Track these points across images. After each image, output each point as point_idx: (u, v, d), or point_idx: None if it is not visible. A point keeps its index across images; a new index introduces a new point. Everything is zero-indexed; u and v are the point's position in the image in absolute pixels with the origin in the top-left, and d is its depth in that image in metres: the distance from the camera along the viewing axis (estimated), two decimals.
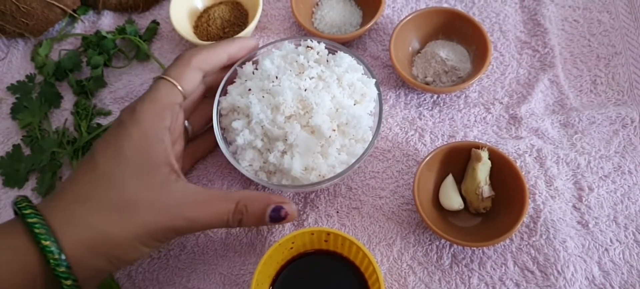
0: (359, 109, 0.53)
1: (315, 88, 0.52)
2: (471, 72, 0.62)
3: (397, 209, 0.57)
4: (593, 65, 0.64)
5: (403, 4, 0.71)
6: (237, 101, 0.53)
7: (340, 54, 0.55)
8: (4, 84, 0.70)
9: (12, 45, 0.74)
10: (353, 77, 0.54)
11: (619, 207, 0.55)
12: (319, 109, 0.51)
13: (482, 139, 0.60)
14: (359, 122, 0.52)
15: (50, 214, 0.43)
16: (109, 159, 0.46)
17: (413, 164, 0.60)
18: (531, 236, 0.54)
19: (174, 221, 0.46)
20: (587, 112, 0.60)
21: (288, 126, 0.51)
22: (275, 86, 0.52)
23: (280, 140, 0.51)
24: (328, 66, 0.55)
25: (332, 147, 0.51)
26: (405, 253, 0.55)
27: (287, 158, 0.51)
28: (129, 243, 0.44)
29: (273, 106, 0.52)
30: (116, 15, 0.75)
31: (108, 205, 0.44)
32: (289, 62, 0.55)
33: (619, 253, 0.53)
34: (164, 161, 0.47)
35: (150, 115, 0.48)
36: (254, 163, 0.52)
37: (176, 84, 0.51)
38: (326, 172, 0.51)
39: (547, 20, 0.67)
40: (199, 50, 0.53)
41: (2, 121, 0.68)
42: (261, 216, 0.49)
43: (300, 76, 0.53)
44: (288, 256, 0.52)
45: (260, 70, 0.55)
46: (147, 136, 0.47)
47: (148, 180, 0.46)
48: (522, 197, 0.52)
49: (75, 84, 0.68)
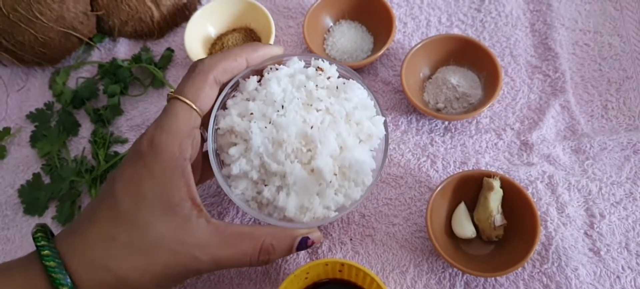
0: (363, 152, 0.50)
1: (322, 123, 0.49)
2: (482, 98, 0.63)
3: (410, 237, 0.58)
4: (604, 89, 0.64)
5: (414, 29, 0.72)
6: (237, 124, 0.49)
7: (351, 84, 0.52)
8: (23, 112, 0.72)
9: (31, 74, 0.75)
10: (362, 115, 0.51)
11: (631, 234, 0.55)
12: (323, 149, 0.48)
13: (493, 166, 0.61)
14: (362, 168, 0.49)
15: (70, 253, 0.43)
16: (129, 197, 0.45)
17: (425, 191, 0.60)
18: (543, 263, 0.54)
19: (194, 263, 0.45)
20: (598, 138, 0.60)
21: (288, 165, 0.48)
22: (280, 117, 0.48)
23: (278, 176, 0.48)
24: (338, 97, 0.51)
25: (329, 189, 0.49)
26: (419, 281, 0.55)
27: (282, 195, 0.48)
28: (146, 286, 0.44)
29: (275, 141, 0.48)
30: (131, 42, 0.76)
31: (129, 248, 0.43)
32: (296, 86, 0.51)
33: (630, 280, 0.53)
34: (186, 196, 0.45)
35: (170, 147, 0.45)
36: (247, 192, 0.50)
37: (193, 106, 0.47)
38: (321, 214, 0.49)
39: (557, 44, 0.67)
40: (216, 61, 0.49)
41: (22, 149, 0.69)
42: (289, 251, 0.48)
43: (308, 108, 0.50)
44: (303, 286, 0.53)
45: (265, 91, 0.50)
46: (169, 172, 0.45)
47: (170, 219, 0.44)
48: (534, 226, 0.53)
49: (92, 112, 0.69)
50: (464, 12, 0.72)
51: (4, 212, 0.65)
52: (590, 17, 0.69)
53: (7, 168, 0.68)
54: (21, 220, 0.64)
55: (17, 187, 0.66)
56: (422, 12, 0.73)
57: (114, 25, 0.74)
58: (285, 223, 0.49)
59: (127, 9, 0.72)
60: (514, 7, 0.71)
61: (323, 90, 0.51)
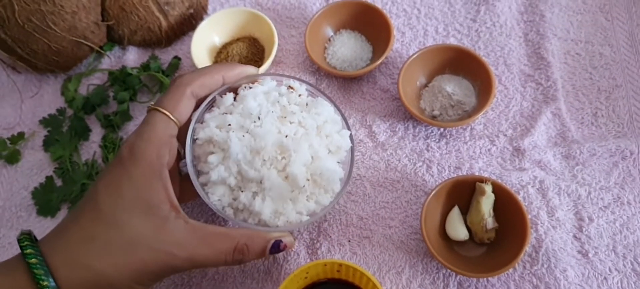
0: (332, 162, 0.55)
1: (296, 135, 0.53)
2: (476, 106, 0.65)
3: (405, 239, 0.60)
4: (594, 98, 0.67)
5: (412, 38, 0.74)
6: (216, 134, 0.53)
7: (320, 101, 0.57)
8: (36, 117, 0.75)
9: (44, 81, 0.79)
10: (332, 128, 0.56)
11: (618, 237, 0.58)
12: (297, 157, 0.52)
13: (486, 171, 0.63)
14: (332, 176, 0.54)
15: (52, 253, 0.46)
16: (110, 199, 0.47)
17: (421, 195, 0.63)
18: (533, 265, 0.57)
19: (172, 260, 0.47)
20: (588, 144, 0.63)
21: (265, 171, 0.52)
22: (257, 127, 0.53)
23: (254, 182, 0.52)
24: (309, 113, 0.56)
25: (302, 195, 0.53)
26: (414, 281, 0.58)
27: (258, 200, 0.52)
28: (126, 284, 0.46)
29: (253, 149, 0.52)
30: (140, 50, 0.79)
31: (108, 246, 0.46)
32: (271, 102, 0.55)
33: (617, 281, 0.56)
34: (164, 198, 0.48)
35: (149, 153, 0.49)
36: (223, 199, 0.53)
37: (171, 117, 0.51)
38: (294, 219, 0.53)
39: (550, 54, 0.70)
40: (193, 77, 0.53)
41: (35, 153, 0.72)
42: (262, 252, 0.51)
43: (282, 120, 0.54)
44: (303, 285, 0.55)
45: (242, 106, 0.54)
46: (146, 176, 0.48)
47: (148, 220, 0.47)
48: (523, 229, 0.55)
49: (102, 118, 0.72)
50: (460, 22, 0.75)
51: (18, 213, 0.68)
52: (582, 28, 0.72)
53: (21, 171, 0.71)
54: (34, 221, 0.67)
55: (30, 189, 0.69)
56: (420, 22, 0.76)
57: (123, 35, 0.77)
58: (260, 227, 0.52)
59: (137, 19, 0.75)
60: (508, 17, 0.74)
61: (295, 106, 0.56)
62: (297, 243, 0.61)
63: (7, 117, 0.76)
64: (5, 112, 0.77)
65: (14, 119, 0.76)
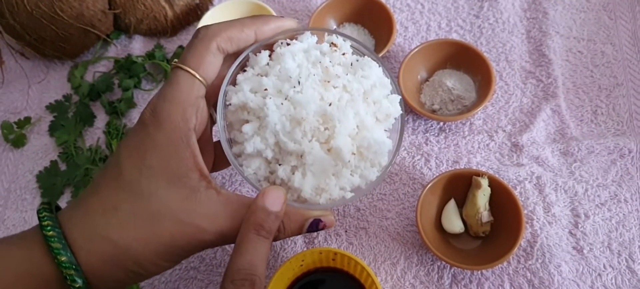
0: (381, 132, 0.48)
1: (340, 101, 0.47)
2: (476, 101, 0.66)
3: (402, 230, 0.61)
4: (594, 95, 0.67)
5: (414, 33, 0.75)
6: (250, 99, 0.46)
7: (367, 61, 0.49)
8: (43, 103, 0.76)
9: (51, 67, 0.80)
10: (380, 93, 0.48)
11: (614, 235, 0.58)
12: (342, 128, 0.45)
13: (484, 166, 0.63)
14: (380, 148, 0.47)
15: (71, 224, 0.42)
16: (134, 167, 0.43)
17: (418, 188, 0.63)
18: (528, 259, 0.57)
19: (202, 234, 0.43)
20: (586, 141, 0.63)
21: (306, 144, 0.45)
22: (297, 94, 0.46)
23: (294, 155, 0.46)
24: (355, 75, 0.48)
25: (346, 169, 0.47)
26: (408, 272, 0.59)
27: (298, 175, 0.46)
28: (151, 260, 0.42)
29: (293, 119, 0.45)
30: (146, 39, 0.80)
31: (132, 218, 0.42)
32: (312, 62, 0.48)
33: (611, 278, 0.56)
34: (193, 166, 0.43)
35: (173, 116, 0.43)
36: (259, 172, 0.47)
37: (196, 74, 0.45)
38: (337, 195, 0.47)
39: (551, 51, 0.70)
40: (220, 28, 0.46)
41: (41, 137, 0.74)
42: (298, 231, 0.46)
43: (325, 85, 0.47)
44: (298, 273, 0.56)
45: (280, 67, 0.47)
46: (173, 142, 0.43)
47: (176, 190, 0.42)
48: (518, 223, 0.55)
49: (107, 104, 0.73)
50: (463, 18, 0.75)
51: (23, 196, 0.69)
52: (585, 26, 0.72)
53: (27, 155, 0.73)
54: (38, 204, 0.68)
55: (35, 173, 0.70)
56: (423, 17, 0.76)
57: (130, 23, 0.78)
58: (300, 204, 0.47)
59: (143, 8, 0.77)
60: (511, 14, 0.74)
61: (339, 67, 0.48)
62: None
63: (15, 101, 0.78)
64: (13, 97, 0.78)
65: (21, 104, 0.77)
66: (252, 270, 0.41)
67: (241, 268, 0.41)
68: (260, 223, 0.43)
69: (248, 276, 0.41)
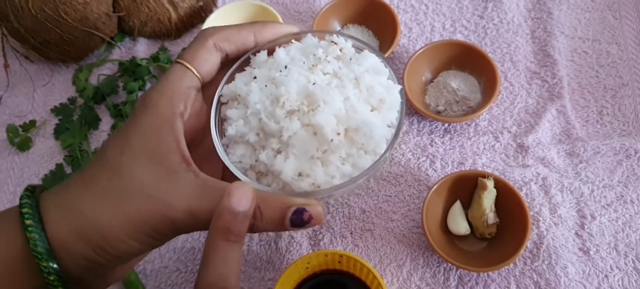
0: (374, 116, 0.44)
1: (328, 85, 0.44)
2: (481, 102, 0.66)
3: (407, 232, 0.61)
4: (600, 96, 0.67)
5: (418, 34, 0.75)
6: (239, 88, 0.46)
7: (364, 53, 0.47)
8: (47, 106, 0.77)
9: (56, 70, 0.80)
10: (374, 80, 0.45)
11: (620, 236, 0.58)
12: (326, 107, 0.43)
13: (490, 167, 0.63)
14: (371, 131, 0.43)
15: (47, 199, 0.42)
16: (116, 146, 0.43)
17: (424, 189, 0.63)
18: (534, 261, 0.57)
19: (169, 211, 0.41)
20: (592, 142, 0.63)
21: (286, 122, 0.43)
22: (281, 76, 0.45)
23: (275, 137, 0.44)
24: (349, 65, 0.46)
25: (334, 155, 0.43)
26: (415, 274, 0.58)
27: (279, 158, 0.43)
28: (117, 236, 0.41)
29: (274, 97, 0.44)
30: (150, 42, 0.80)
31: (106, 192, 0.41)
32: (305, 55, 0.47)
33: (618, 279, 0.56)
34: (174, 149, 0.43)
35: (161, 102, 0.44)
36: (245, 160, 0.46)
37: (189, 66, 0.45)
38: (322, 182, 0.43)
39: (556, 51, 0.70)
40: (218, 29, 0.48)
41: (46, 141, 0.74)
42: (279, 221, 0.41)
43: (313, 69, 0.45)
44: (304, 275, 0.56)
45: (273, 59, 0.47)
46: (156, 124, 0.43)
47: (153, 168, 0.42)
48: (525, 225, 0.55)
49: (112, 107, 0.73)
50: (467, 19, 0.75)
51: None
52: (590, 26, 0.72)
53: (32, 158, 0.73)
54: None
55: (41, 176, 0.70)
56: (427, 18, 0.76)
57: (134, 26, 0.78)
58: (284, 193, 0.43)
59: (147, 11, 0.77)
60: (515, 14, 0.74)
61: (334, 58, 0.47)
62: (300, 234, 0.62)
63: (20, 105, 0.78)
64: (18, 100, 0.78)
65: (26, 107, 0.77)
66: (224, 284, 0.39)
67: (212, 283, 0.39)
68: (227, 227, 0.40)
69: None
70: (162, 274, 0.62)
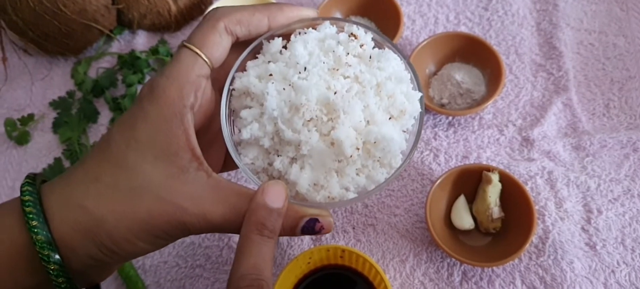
0: (392, 128, 0.43)
1: (348, 92, 0.42)
2: (485, 95, 0.65)
3: (410, 227, 0.60)
4: (607, 89, 0.66)
5: (422, 26, 0.74)
6: (253, 85, 0.43)
7: (387, 53, 0.44)
8: (46, 99, 0.76)
9: (54, 63, 0.79)
10: (395, 88, 0.43)
11: (627, 230, 0.57)
12: (346, 119, 0.42)
13: (494, 161, 0.62)
14: (389, 146, 0.42)
15: (49, 192, 0.40)
16: (121, 139, 0.41)
17: (427, 184, 0.62)
18: (539, 256, 0.56)
19: (182, 214, 0.40)
20: (598, 135, 0.62)
21: (304, 133, 0.42)
22: (300, 80, 0.42)
23: (292, 145, 0.42)
24: (370, 66, 0.44)
25: (350, 167, 0.42)
26: (418, 269, 0.58)
27: (295, 168, 0.42)
28: (124, 235, 0.39)
29: (293, 105, 0.42)
30: (149, 34, 0.79)
31: (112, 189, 0.39)
32: (324, 51, 0.44)
33: (625, 275, 0.55)
34: (184, 145, 0.41)
35: (169, 92, 0.41)
36: (257, 162, 0.44)
37: (199, 53, 0.42)
38: (337, 194, 0.42)
39: (562, 43, 0.69)
40: (229, 10, 0.44)
41: (45, 134, 0.73)
42: (291, 229, 0.42)
43: (334, 73, 0.43)
44: (305, 270, 0.55)
45: (289, 53, 0.44)
46: (165, 118, 0.41)
47: (162, 166, 0.40)
48: (530, 219, 0.54)
49: (111, 101, 0.73)
50: (471, 11, 0.74)
51: None
52: (596, 18, 0.70)
53: (31, 152, 0.72)
54: None
55: (39, 170, 0.70)
56: (431, 10, 0.75)
57: (133, 19, 0.77)
58: (296, 201, 0.43)
59: (146, 3, 0.76)
60: (520, 6, 0.72)
61: (353, 58, 0.44)
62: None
63: (18, 99, 0.77)
64: (16, 94, 0.77)
65: (25, 101, 0.76)
66: (258, 274, 0.39)
67: (246, 274, 0.39)
68: (262, 222, 0.40)
69: (254, 281, 0.38)
70: (161, 269, 0.61)
